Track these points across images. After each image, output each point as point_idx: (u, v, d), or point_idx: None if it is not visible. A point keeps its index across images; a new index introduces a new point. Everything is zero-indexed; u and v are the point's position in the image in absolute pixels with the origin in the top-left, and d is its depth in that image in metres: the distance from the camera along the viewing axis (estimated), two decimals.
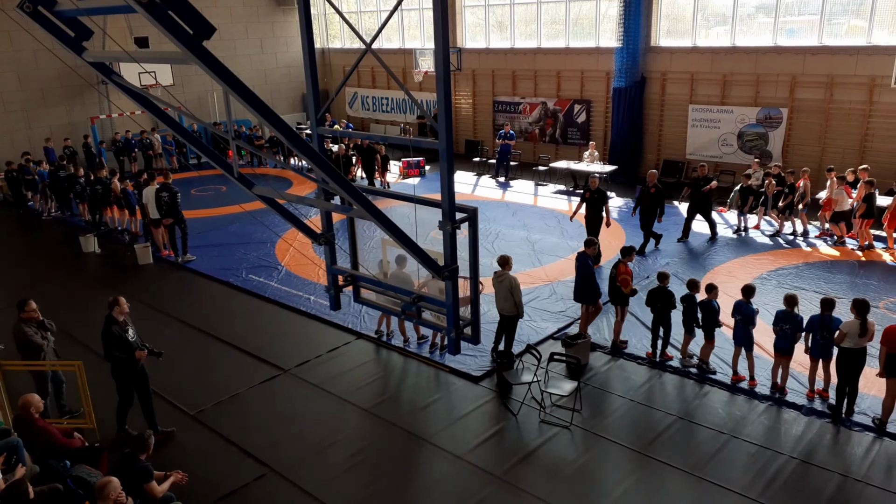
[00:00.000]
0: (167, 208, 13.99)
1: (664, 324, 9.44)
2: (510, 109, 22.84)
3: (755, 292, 8.83)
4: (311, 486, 7.32)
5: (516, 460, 7.65)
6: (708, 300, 8.98)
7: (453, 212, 6.03)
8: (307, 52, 6.64)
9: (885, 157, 15.52)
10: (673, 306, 9.29)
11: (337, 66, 28.06)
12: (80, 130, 22.42)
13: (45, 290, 13.08)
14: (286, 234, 15.52)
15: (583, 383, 8.90)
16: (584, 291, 9.96)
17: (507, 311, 9.44)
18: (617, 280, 9.63)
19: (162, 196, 13.93)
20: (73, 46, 5.49)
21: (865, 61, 15.76)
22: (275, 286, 12.76)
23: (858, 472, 7.20)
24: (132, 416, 8.19)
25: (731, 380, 8.92)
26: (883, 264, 12.71)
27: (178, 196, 14.11)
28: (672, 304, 9.28)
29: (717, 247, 13.96)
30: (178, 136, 6.38)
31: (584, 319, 10.14)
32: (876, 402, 8.26)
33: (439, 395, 9.06)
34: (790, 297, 8.41)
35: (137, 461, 6.29)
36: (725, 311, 9.16)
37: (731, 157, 18.13)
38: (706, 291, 9.03)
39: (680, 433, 8.00)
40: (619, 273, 9.61)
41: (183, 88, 24.06)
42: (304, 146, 5.10)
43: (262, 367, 9.92)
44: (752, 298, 8.74)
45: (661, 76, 19.17)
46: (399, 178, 21.07)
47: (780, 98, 17.25)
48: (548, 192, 18.95)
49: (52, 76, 22.08)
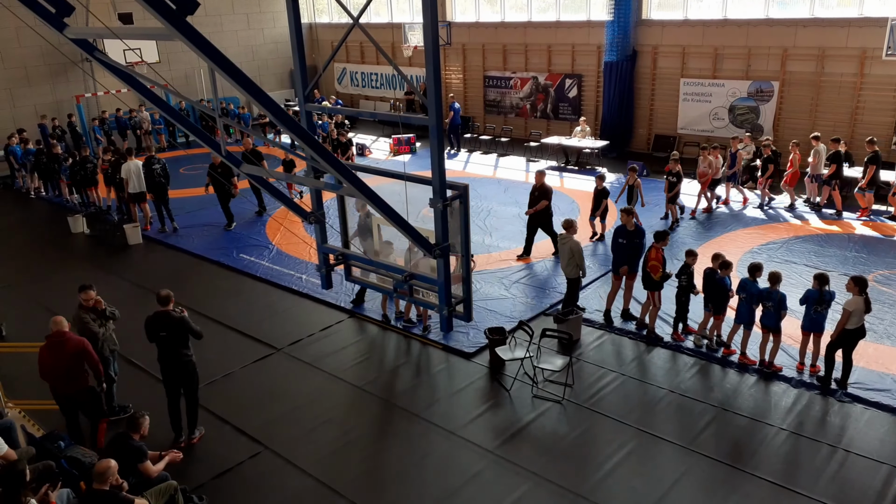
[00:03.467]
0: (163, 180, 14.43)
1: (684, 303, 9.29)
2: (501, 84, 22.66)
3: (762, 270, 8.67)
4: (306, 464, 7.36)
5: (509, 435, 7.71)
6: (721, 276, 8.86)
7: (444, 189, 5.98)
8: (294, 27, 6.52)
9: (875, 130, 15.50)
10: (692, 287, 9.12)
11: (325, 42, 27.71)
12: (65, 109, 22.08)
13: (36, 272, 13.01)
14: (276, 212, 15.44)
15: (574, 358, 8.95)
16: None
17: (569, 273, 9.80)
18: (647, 266, 9.36)
19: (155, 168, 14.29)
20: (54, 23, 5.38)
21: (857, 33, 15.69)
22: (266, 265, 12.72)
23: (849, 443, 7.30)
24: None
25: (722, 353, 8.98)
26: (873, 237, 12.77)
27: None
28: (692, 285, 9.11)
29: (707, 222, 13.99)
30: (164, 114, 6.28)
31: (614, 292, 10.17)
32: (865, 374, 8.36)
33: (432, 371, 9.09)
34: (774, 274, 8.45)
35: (132, 441, 6.29)
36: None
37: (722, 132, 18.07)
38: (720, 268, 8.86)
39: (671, 407, 8.08)
40: (650, 259, 9.31)
41: (169, 66, 23.68)
42: (291, 123, 5.03)
43: (255, 346, 9.92)
44: (758, 277, 8.62)
45: (652, 50, 19.03)
46: (389, 156, 20.93)
47: (771, 71, 17.17)
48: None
49: (36, 54, 21.68)
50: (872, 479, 6.77)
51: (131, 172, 14.32)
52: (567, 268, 9.88)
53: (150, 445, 6.60)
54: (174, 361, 7.47)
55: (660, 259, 9.25)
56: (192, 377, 7.63)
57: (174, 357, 7.46)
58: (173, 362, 7.48)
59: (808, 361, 8.55)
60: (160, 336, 7.41)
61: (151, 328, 7.46)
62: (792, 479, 6.81)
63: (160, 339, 7.42)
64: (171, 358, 7.46)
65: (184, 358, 7.49)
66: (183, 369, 7.53)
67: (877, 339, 9.19)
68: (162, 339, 7.41)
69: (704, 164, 14.06)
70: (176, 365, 7.49)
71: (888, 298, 10.27)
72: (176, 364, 7.49)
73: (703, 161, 14.12)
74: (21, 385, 8.54)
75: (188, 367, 7.56)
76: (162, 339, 7.41)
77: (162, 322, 7.37)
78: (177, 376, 7.56)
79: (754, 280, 8.61)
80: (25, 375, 8.37)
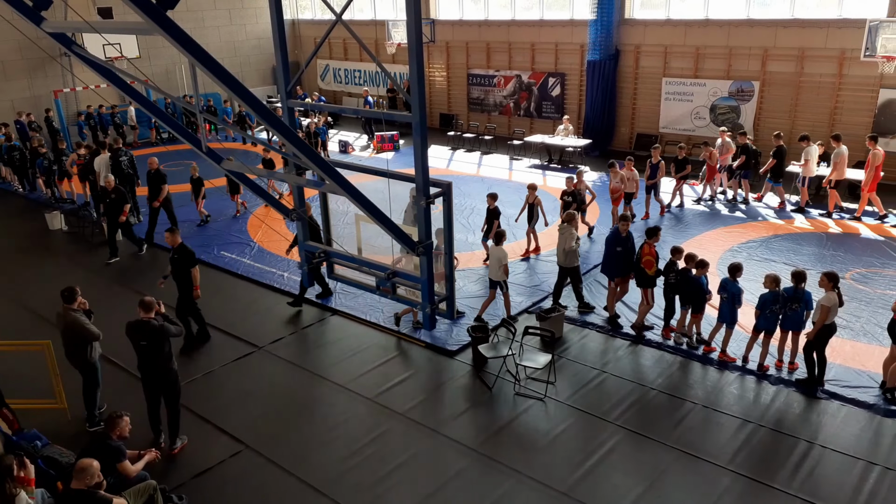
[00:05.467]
0: (130, 171, 14.63)
1: (671, 300, 9.30)
2: (484, 82, 22.68)
3: (742, 271, 8.73)
4: (287, 462, 7.32)
5: (491, 433, 7.73)
6: (697, 276, 8.90)
7: (427, 186, 5.98)
8: (276, 22, 6.48)
9: (854, 130, 15.72)
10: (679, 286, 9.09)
11: (308, 38, 27.56)
12: (42, 104, 21.77)
13: (13, 270, 12.81)
14: (258, 209, 15.35)
15: (557, 356, 8.98)
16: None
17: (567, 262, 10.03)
18: (641, 262, 9.37)
19: (122, 161, 14.52)
20: (32, 17, 5.31)
21: (836, 34, 15.89)
22: (247, 262, 12.64)
23: (826, 439, 7.40)
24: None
25: (702, 350, 9.06)
26: (850, 236, 12.95)
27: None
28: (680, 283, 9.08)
29: (688, 220, 14.11)
30: (144, 109, 6.21)
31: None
32: (842, 371, 8.48)
33: (414, 369, 9.08)
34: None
35: (110, 441, 6.22)
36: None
37: (703, 131, 18.22)
38: (697, 267, 8.89)
39: (653, 403, 8.13)
40: (644, 254, 9.33)
41: (150, 61, 23.46)
42: (273, 119, 5.00)
43: (236, 344, 9.84)
44: (738, 277, 8.68)
45: (634, 49, 19.14)
46: (373, 153, 20.88)
47: (752, 71, 17.34)
48: (522, 167, 18.92)
49: (13, 48, 21.35)
50: (848, 474, 6.87)
51: (102, 165, 14.60)
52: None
53: (130, 445, 6.52)
54: (155, 371, 7.34)
55: (653, 254, 9.34)
56: (174, 387, 7.50)
57: (155, 367, 7.32)
58: (154, 372, 7.35)
59: (786, 359, 8.65)
60: (140, 345, 7.29)
61: (132, 336, 7.34)
62: (769, 474, 6.89)
63: (140, 347, 7.29)
64: (152, 367, 7.33)
65: (165, 368, 7.35)
66: (163, 379, 7.40)
67: (853, 336, 9.33)
68: (142, 347, 7.28)
69: (616, 180, 13.13)
70: (157, 375, 7.36)
71: (865, 296, 10.43)
72: (157, 374, 7.36)
73: (613, 177, 13.16)
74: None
75: (169, 377, 7.42)
76: (142, 347, 7.28)
77: (142, 331, 7.23)
78: (158, 386, 7.44)
79: (734, 280, 8.69)
80: (4, 373, 8.24)
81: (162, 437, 7.63)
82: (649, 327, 9.65)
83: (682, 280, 9.00)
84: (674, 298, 9.27)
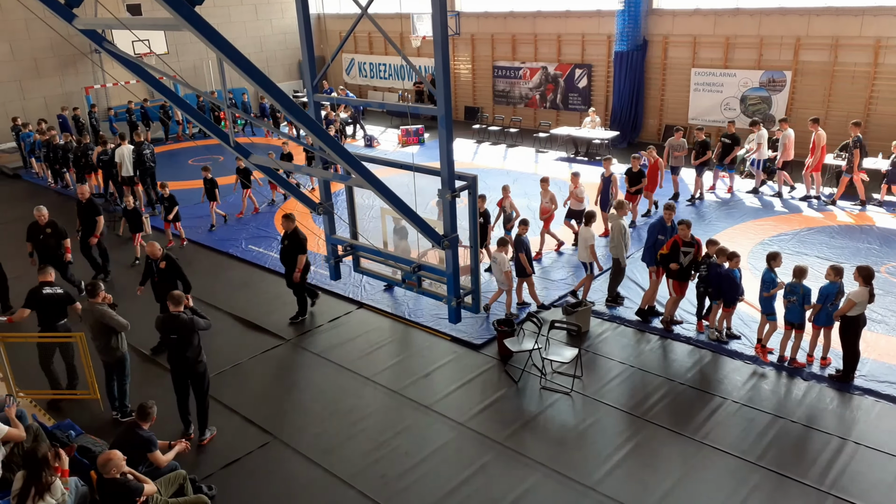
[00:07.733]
0: (152, 164, 15.18)
1: (702, 294, 9.13)
2: (510, 75, 22.54)
3: (807, 273, 8.31)
4: (314, 454, 7.39)
5: (517, 426, 7.71)
6: (729, 269, 8.74)
7: (453, 180, 5.96)
8: (302, 17, 6.50)
9: (889, 120, 15.33)
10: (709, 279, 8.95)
11: (333, 32, 27.63)
12: (74, 100, 22.15)
13: None
14: (285, 203, 15.45)
15: (583, 350, 8.93)
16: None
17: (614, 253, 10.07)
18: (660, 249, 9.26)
19: (145, 154, 15.06)
20: (63, 14, 5.38)
21: (871, 22, 15.48)
22: (274, 256, 12.73)
23: (860, 435, 7.25)
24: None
25: (778, 359, 8.66)
26: (884, 229, 12.64)
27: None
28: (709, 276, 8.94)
29: (717, 213, 13.89)
30: (173, 104, 6.29)
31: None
32: (876, 367, 8.29)
33: (440, 363, 9.09)
34: (800, 268, 8.26)
35: (140, 431, 6.31)
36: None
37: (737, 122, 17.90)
38: (728, 259, 8.73)
39: (681, 398, 8.04)
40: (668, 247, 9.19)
41: (178, 57, 23.72)
42: (300, 114, 5.02)
43: (264, 337, 9.95)
44: (804, 280, 8.28)
45: (663, 39, 18.87)
46: (398, 147, 20.90)
47: (783, 61, 16.99)
48: (549, 160, 18.79)
49: (45, 45, 21.75)
50: (883, 471, 6.73)
51: (124, 157, 15.07)
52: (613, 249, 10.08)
53: (160, 436, 6.64)
54: (184, 364, 7.44)
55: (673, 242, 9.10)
56: (203, 380, 7.58)
57: (185, 360, 7.41)
58: (183, 365, 7.44)
59: (818, 354, 8.49)
60: (170, 338, 7.39)
61: (162, 330, 7.48)
62: (800, 470, 6.77)
63: (170, 341, 7.40)
64: (182, 361, 7.43)
65: (195, 361, 7.45)
66: (192, 372, 7.49)
67: (888, 331, 9.12)
68: (172, 341, 7.38)
69: (546, 199, 11.94)
70: (186, 368, 7.46)
71: None
72: (186, 367, 7.45)
73: (544, 196, 11.97)
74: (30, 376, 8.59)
75: (198, 370, 7.51)
76: (172, 341, 7.38)
77: (172, 325, 7.34)
78: (187, 378, 7.54)
79: (800, 282, 8.27)
80: (33, 366, 8.43)
81: (191, 428, 7.74)
82: (678, 322, 9.53)
83: (713, 273, 8.86)
84: (704, 292, 9.13)
